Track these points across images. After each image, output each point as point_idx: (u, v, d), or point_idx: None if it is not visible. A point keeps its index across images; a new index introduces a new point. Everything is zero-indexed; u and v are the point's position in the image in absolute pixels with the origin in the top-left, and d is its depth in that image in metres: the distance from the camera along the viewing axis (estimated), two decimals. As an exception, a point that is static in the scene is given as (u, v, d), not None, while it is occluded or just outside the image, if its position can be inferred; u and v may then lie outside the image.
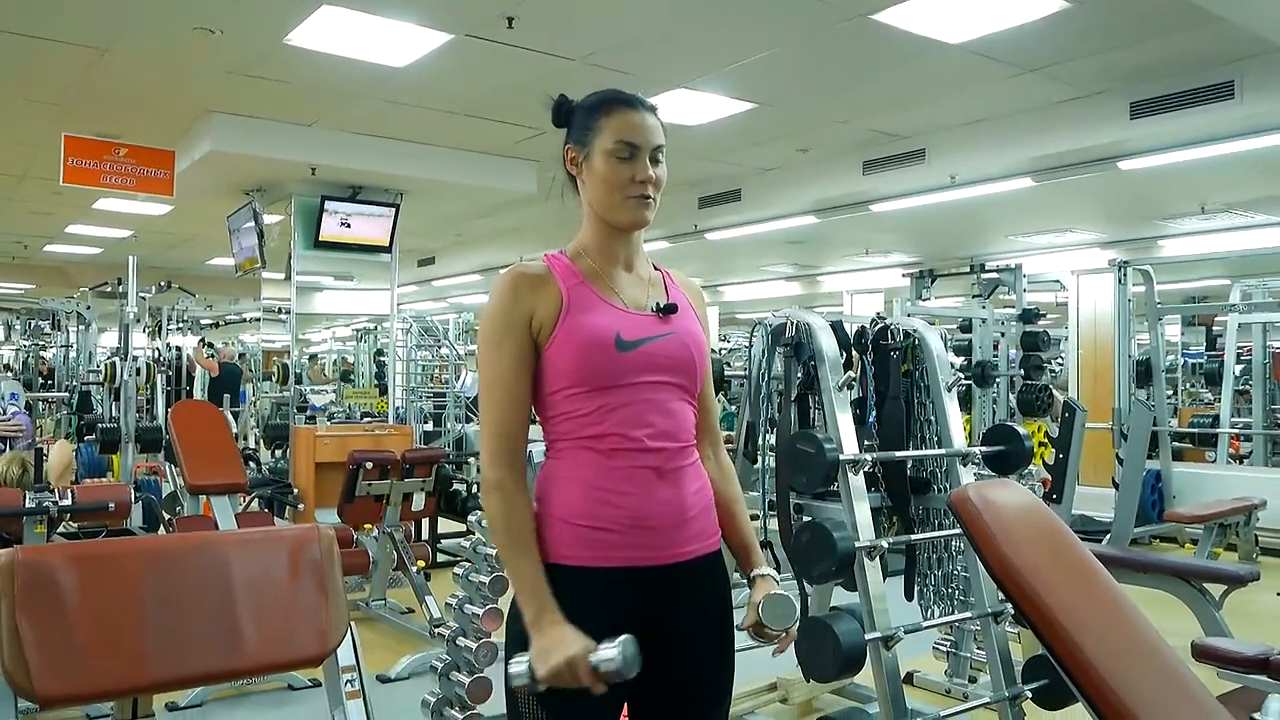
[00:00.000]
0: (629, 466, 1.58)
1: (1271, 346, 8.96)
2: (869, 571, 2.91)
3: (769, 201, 8.52)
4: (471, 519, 3.14)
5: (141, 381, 7.63)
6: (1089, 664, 1.54)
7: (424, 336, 9.92)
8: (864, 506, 3.00)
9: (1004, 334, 7.14)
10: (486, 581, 3.01)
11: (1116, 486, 6.97)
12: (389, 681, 4.28)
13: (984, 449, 3.32)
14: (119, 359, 7.39)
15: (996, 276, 7.51)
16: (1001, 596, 1.70)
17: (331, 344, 15.75)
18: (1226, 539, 6.63)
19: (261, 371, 14.39)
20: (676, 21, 5.05)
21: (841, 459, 2.96)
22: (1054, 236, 10.18)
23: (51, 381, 12.58)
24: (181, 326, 10.03)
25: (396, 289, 8.33)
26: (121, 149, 6.99)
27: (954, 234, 10.33)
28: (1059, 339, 9.77)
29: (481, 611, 2.98)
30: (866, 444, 3.28)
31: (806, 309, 3.43)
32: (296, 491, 6.84)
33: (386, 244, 7.92)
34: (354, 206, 7.75)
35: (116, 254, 11.36)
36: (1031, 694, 3.04)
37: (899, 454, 3.27)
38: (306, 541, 2.07)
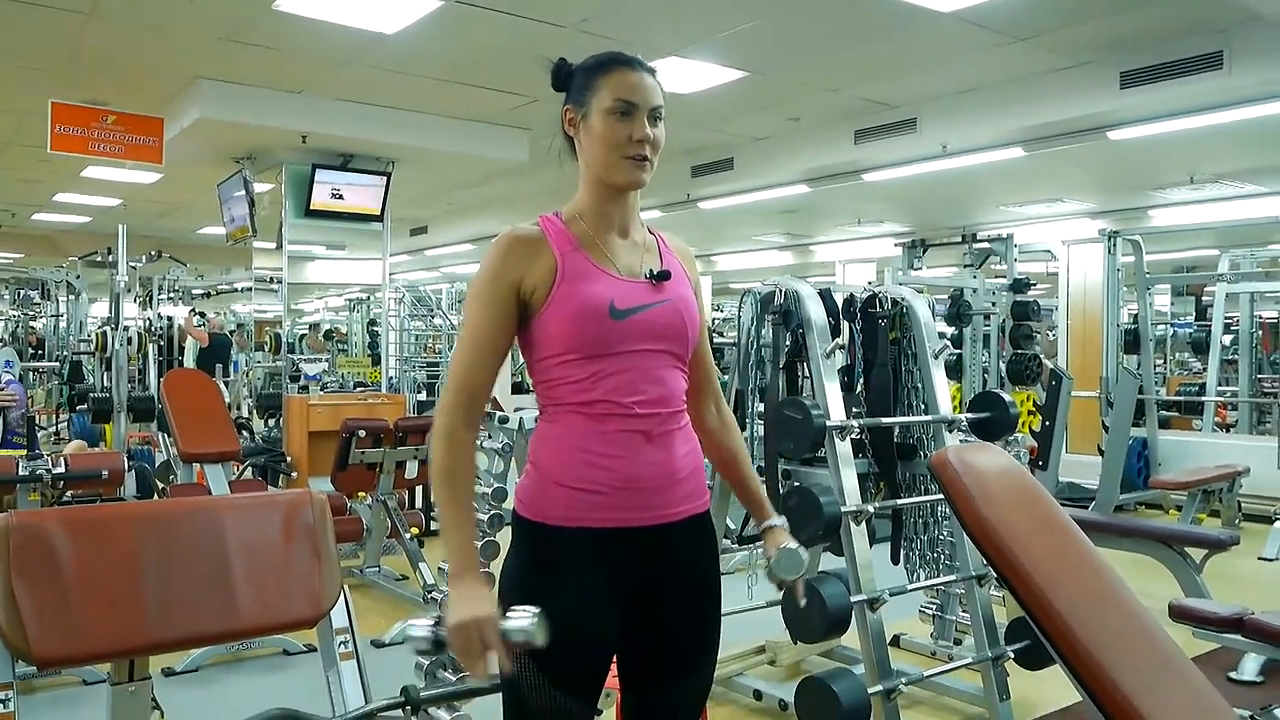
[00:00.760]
0: (619, 430, 1.60)
1: (1259, 316, 9.02)
2: (855, 536, 2.95)
3: (761, 170, 8.51)
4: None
5: (133, 351, 7.65)
6: (1063, 622, 1.58)
7: (417, 306, 9.94)
8: (850, 472, 3.05)
9: (995, 303, 7.17)
10: (479, 546, 3.04)
11: (1103, 454, 7.03)
12: (383, 646, 4.33)
13: (970, 415, 3.36)
14: (110, 328, 7.40)
15: (988, 246, 7.53)
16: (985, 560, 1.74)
17: (324, 314, 15.73)
18: (1210, 505, 6.71)
19: (254, 341, 14.38)
20: (667, -12, 5.03)
21: (829, 425, 3.00)
22: (1045, 206, 10.19)
23: (42, 351, 12.57)
24: (173, 296, 10.02)
25: (389, 258, 8.31)
26: (110, 116, 6.94)
27: (946, 204, 10.34)
28: (1049, 309, 9.84)
29: (473, 576, 3.01)
30: (854, 411, 3.32)
31: (798, 278, 3.45)
32: (290, 460, 6.87)
33: (378, 213, 7.90)
34: (345, 175, 7.72)
35: (106, 223, 11.31)
36: (1014, 654, 3.10)
37: (886, 420, 3.31)
38: (299, 506, 2.10)
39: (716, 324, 14.21)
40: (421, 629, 1.48)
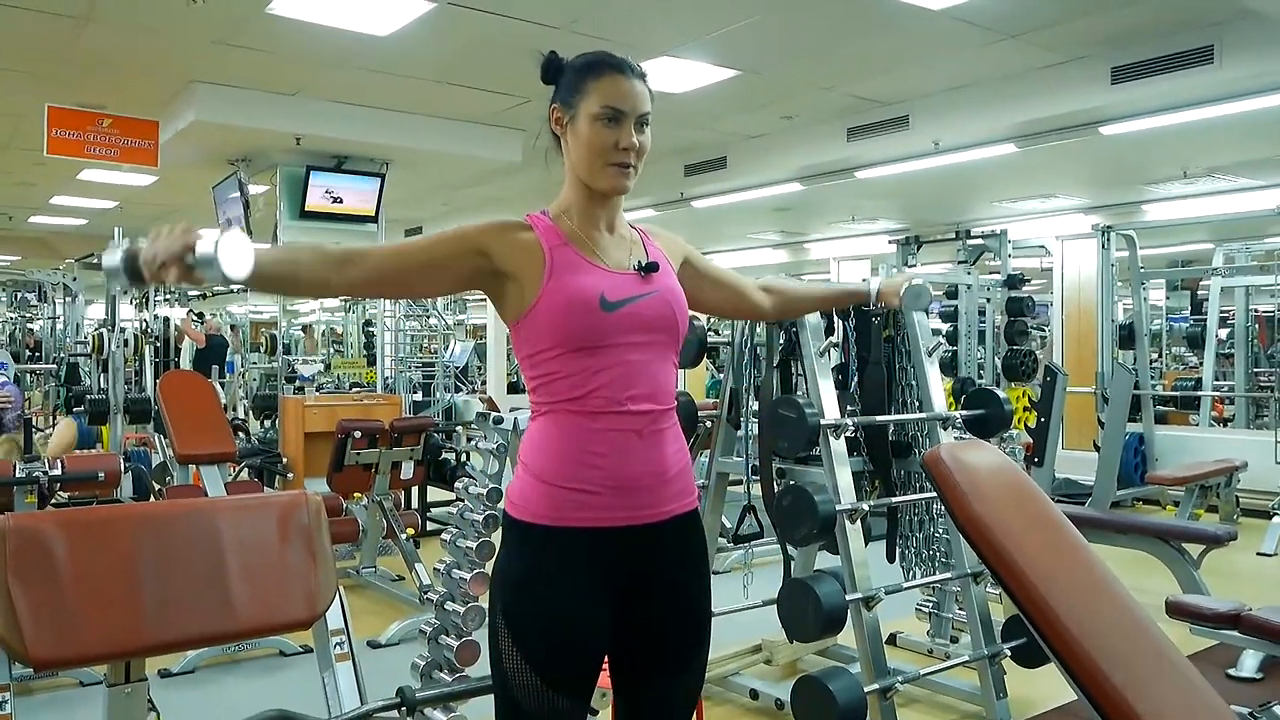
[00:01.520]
0: (610, 429, 1.60)
1: (1254, 309, 9.04)
2: (850, 534, 2.96)
3: (755, 169, 8.51)
4: (459, 486, 3.18)
5: (130, 353, 7.63)
6: (1057, 620, 1.59)
7: (412, 307, 9.91)
8: (845, 470, 3.05)
9: (989, 299, 7.18)
10: (474, 547, 3.05)
11: (1099, 450, 7.05)
12: (379, 647, 4.34)
13: (964, 413, 3.37)
14: (107, 330, 7.39)
15: (982, 243, 7.54)
16: (978, 556, 1.76)
17: (320, 314, 15.71)
18: (1207, 501, 6.71)
19: (250, 343, 14.36)
20: (660, -12, 5.03)
21: (823, 423, 3.00)
22: (1038, 202, 10.20)
23: (39, 353, 12.56)
24: (169, 298, 10.00)
25: (384, 259, 8.29)
26: (105, 119, 6.94)
27: (939, 200, 10.33)
28: (1044, 304, 9.85)
29: (469, 576, 3.02)
30: (849, 409, 3.33)
31: (793, 276, 3.45)
32: (286, 461, 6.87)
33: (373, 214, 7.89)
34: (339, 177, 7.72)
35: (102, 225, 11.30)
36: (1010, 652, 3.11)
37: (880, 418, 3.31)
38: (294, 507, 2.11)
39: (711, 324, 14.20)
40: (114, 253, 1.40)
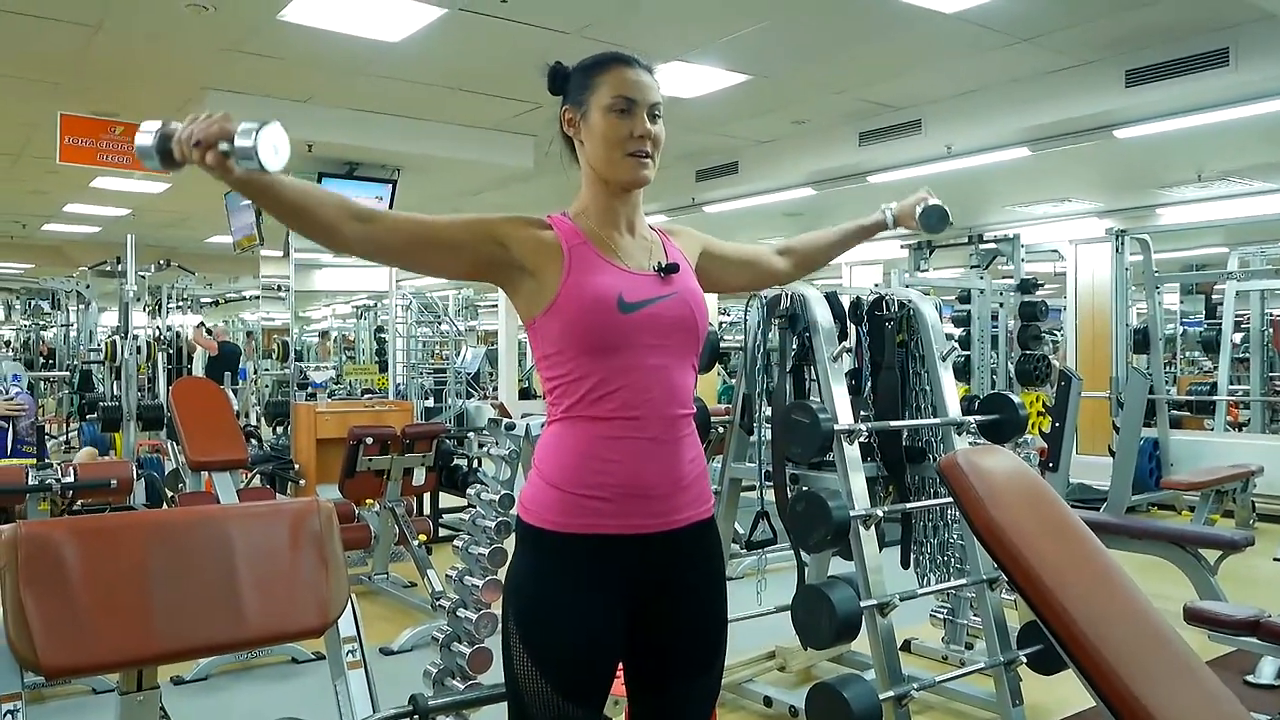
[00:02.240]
0: (625, 435, 1.59)
1: (1270, 313, 8.98)
2: (864, 540, 2.94)
3: (766, 174, 8.50)
4: (471, 492, 3.17)
5: (142, 360, 7.66)
6: (1074, 625, 1.57)
7: (424, 313, 9.94)
8: (859, 476, 3.03)
9: (1002, 304, 7.15)
10: (486, 554, 3.04)
11: (1114, 455, 7.00)
12: (392, 654, 4.33)
13: (978, 418, 3.35)
14: (119, 338, 7.42)
15: (994, 247, 7.52)
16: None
17: (332, 321, 15.77)
18: (1223, 506, 6.65)
19: (262, 349, 14.40)
20: (671, -7, 5.03)
21: (836, 429, 2.98)
22: (1051, 206, 10.15)
23: (52, 361, 12.63)
24: (181, 305, 10.04)
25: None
26: (118, 127, 6.97)
27: (951, 205, 9.96)
28: (1058, 309, 9.80)
29: (481, 583, 3.01)
30: (862, 414, 3.31)
31: (804, 281, 3.44)
32: (298, 467, 6.88)
33: (384, 220, 7.91)
34: (351, 183, 7.75)
35: (115, 233, 11.32)
36: (1026, 659, 3.08)
37: (894, 423, 3.29)
38: (306, 514, 2.10)
39: (723, 328, 14.19)
40: (147, 134, 1.36)
